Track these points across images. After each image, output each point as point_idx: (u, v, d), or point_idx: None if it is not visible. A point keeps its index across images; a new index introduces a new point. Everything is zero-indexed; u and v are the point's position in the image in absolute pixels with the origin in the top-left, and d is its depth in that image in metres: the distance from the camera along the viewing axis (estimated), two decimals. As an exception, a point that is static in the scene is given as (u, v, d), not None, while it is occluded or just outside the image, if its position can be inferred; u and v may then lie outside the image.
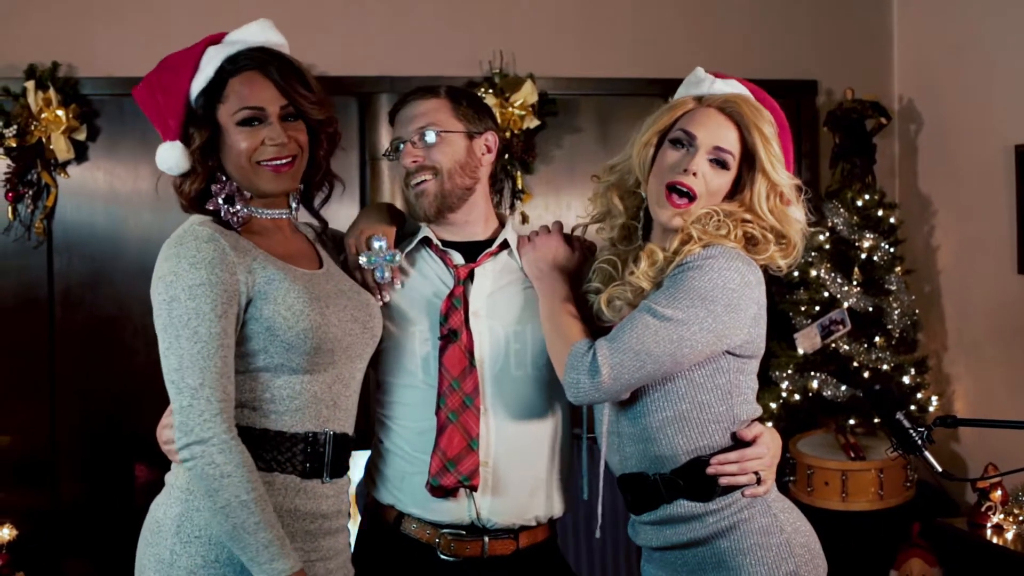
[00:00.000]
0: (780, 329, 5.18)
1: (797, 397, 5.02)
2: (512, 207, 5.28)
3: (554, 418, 2.97)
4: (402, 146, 2.94)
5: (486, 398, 2.90)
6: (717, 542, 2.68)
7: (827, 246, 5.10)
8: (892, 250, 5.07)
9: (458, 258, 2.98)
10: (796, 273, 5.13)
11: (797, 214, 2.76)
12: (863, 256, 5.05)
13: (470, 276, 2.96)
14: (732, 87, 2.79)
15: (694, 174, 2.68)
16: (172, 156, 2.66)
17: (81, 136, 5.01)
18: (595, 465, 2.92)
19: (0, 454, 4.68)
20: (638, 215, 2.86)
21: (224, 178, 2.70)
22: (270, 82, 2.67)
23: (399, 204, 5.05)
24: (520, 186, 5.27)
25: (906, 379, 4.94)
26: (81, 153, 5.05)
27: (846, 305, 4.98)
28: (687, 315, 2.57)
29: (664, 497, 2.71)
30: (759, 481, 2.70)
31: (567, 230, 3.07)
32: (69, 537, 5.05)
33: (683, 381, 2.67)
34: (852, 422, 4.96)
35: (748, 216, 2.71)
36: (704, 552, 2.70)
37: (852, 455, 4.78)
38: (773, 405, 5.03)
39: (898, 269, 5.07)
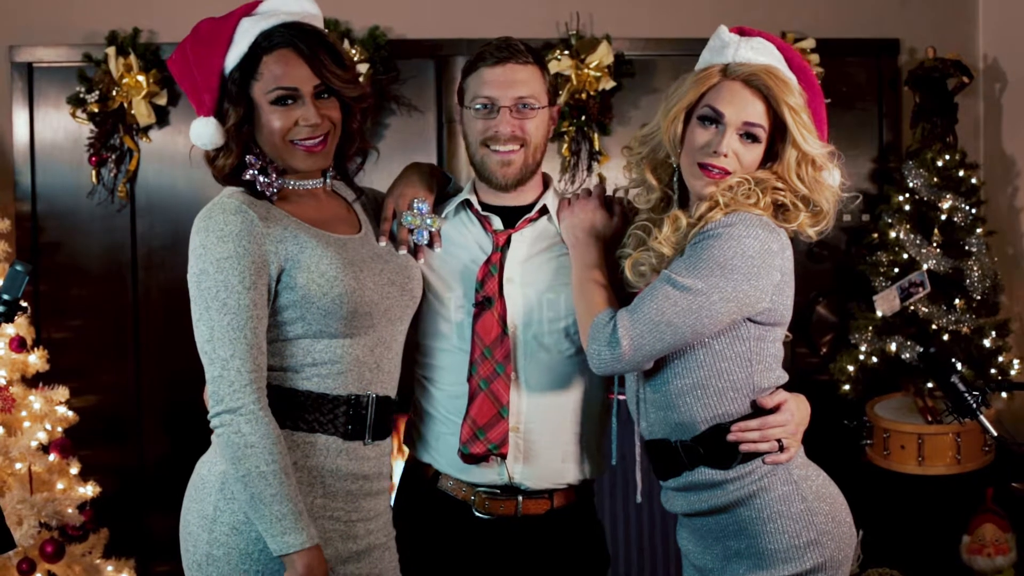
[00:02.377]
0: (859, 291, 5.15)
1: (875, 360, 4.97)
2: (589, 169, 5.27)
3: (587, 384, 2.99)
4: (499, 110, 2.92)
5: (518, 365, 2.93)
6: (738, 510, 2.69)
7: (907, 207, 5.03)
8: (973, 211, 4.99)
9: (497, 223, 2.99)
10: (875, 235, 5.10)
11: (831, 179, 2.74)
12: (943, 217, 4.98)
13: (507, 242, 2.97)
14: (758, 50, 2.74)
15: (725, 155, 2.68)
16: (207, 132, 2.69)
17: (162, 101, 5.06)
18: (627, 430, 2.93)
19: (86, 413, 4.76)
20: (672, 184, 2.84)
21: (258, 150, 2.72)
22: (303, 61, 2.68)
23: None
24: (597, 147, 5.25)
25: (987, 342, 4.87)
26: (162, 117, 5.11)
27: (925, 267, 4.92)
28: (706, 284, 2.57)
29: (686, 464, 2.73)
30: (782, 449, 2.69)
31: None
32: (153, 494, 5.15)
33: (703, 349, 2.67)
34: (930, 385, 4.90)
35: (779, 184, 2.70)
36: (726, 519, 2.71)
37: (930, 419, 4.73)
38: (851, 367, 4.99)
39: (979, 231, 4.99)
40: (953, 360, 2.76)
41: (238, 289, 2.56)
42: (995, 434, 2.72)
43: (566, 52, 5.14)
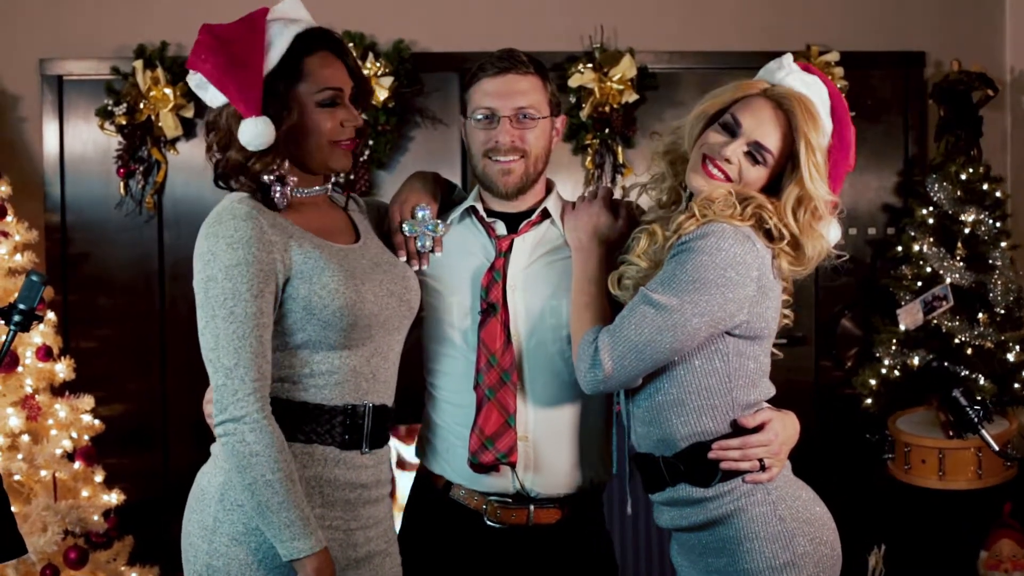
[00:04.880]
0: (883, 305, 5.14)
1: (898, 373, 4.95)
2: (613, 181, 5.28)
3: None
4: (499, 120, 2.93)
5: (523, 373, 2.92)
6: (718, 528, 2.68)
7: (930, 220, 5.02)
8: (997, 225, 4.97)
9: (501, 228, 2.99)
10: (899, 248, 5.09)
11: (825, 233, 2.70)
12: (966, 231, 4.96)
13: (510, 247, 2.97)
14: (806, 84, 2.70)
15: (728, 160, 2.65)
16: (265, 131, 2.60)
17: (188, 113, 5.13)
18: (623, 440, 2.93)
19: (112, 421, 4.81)
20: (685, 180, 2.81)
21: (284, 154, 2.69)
22: (343, 64, 2.70)
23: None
24: (621, 160, 5.27)
25: (1010, 356, 4.84)
26: (189, 130, 5.18)
27: (949, 281, 4.90)
28: (680, 300, 2.56)
29: (667, 480, 2.72)
30: (764, 468, 2.67)
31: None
32: (178, 502, 5.17)
33: (682, 365, 2.66)
34: (953, 399, 4.87)
35: (770, 208, 2.64)
36: (707, 537, 2.70)
37: (951, 433, 4.70)
38: (873, 381, 4.98)
39: (1004, 244, 4.97)
40: (957, 373, 2.75)
41: (246, 297, 2.54)
42: (996, 448, 2.70)
43: (589, 65, 5.16)
